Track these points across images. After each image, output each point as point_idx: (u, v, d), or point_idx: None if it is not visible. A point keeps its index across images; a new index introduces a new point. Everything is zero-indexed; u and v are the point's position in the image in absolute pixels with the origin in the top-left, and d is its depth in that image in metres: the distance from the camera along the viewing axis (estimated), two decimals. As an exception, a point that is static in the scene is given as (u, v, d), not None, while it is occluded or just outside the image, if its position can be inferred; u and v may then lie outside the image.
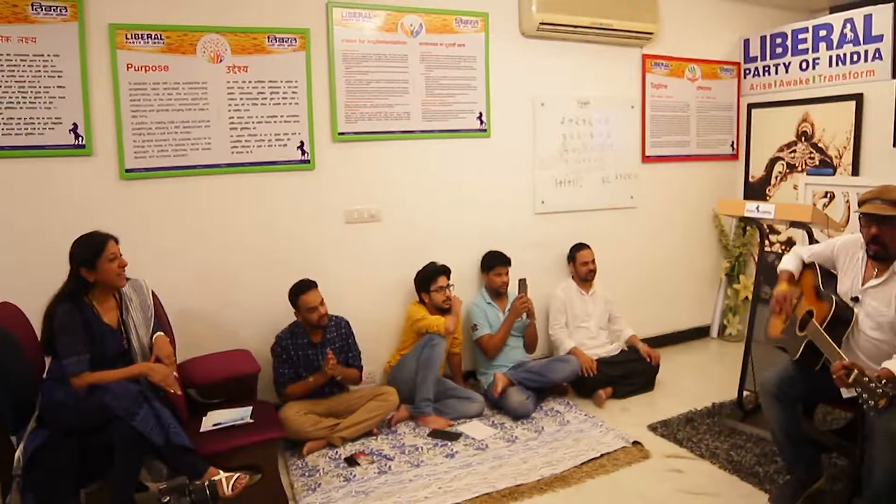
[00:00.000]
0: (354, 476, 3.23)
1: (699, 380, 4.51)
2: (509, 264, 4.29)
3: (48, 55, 3.38)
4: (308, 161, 3.90)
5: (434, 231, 4.28)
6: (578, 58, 4.68)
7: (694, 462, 3.36)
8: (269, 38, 3.78)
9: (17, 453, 2.55)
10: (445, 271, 4.03)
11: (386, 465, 3.34)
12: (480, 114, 4.36)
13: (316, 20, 3.89)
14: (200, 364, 3.32)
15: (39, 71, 3.37)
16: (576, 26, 4.49)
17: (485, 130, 4.39)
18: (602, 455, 3.41)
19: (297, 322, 3.63)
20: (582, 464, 3.32)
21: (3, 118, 3.30)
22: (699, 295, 5.47)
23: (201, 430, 2.94)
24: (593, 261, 4.52)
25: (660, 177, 5.11)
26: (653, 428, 3.74)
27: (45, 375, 2.77)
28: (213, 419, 3.01)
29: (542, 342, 4.55)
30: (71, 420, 2.60)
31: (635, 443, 3.52)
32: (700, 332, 5.53)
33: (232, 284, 3.76)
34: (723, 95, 5.36)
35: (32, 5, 3.35)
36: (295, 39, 3.84)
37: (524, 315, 4.17)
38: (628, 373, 4.25)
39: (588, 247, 4.56)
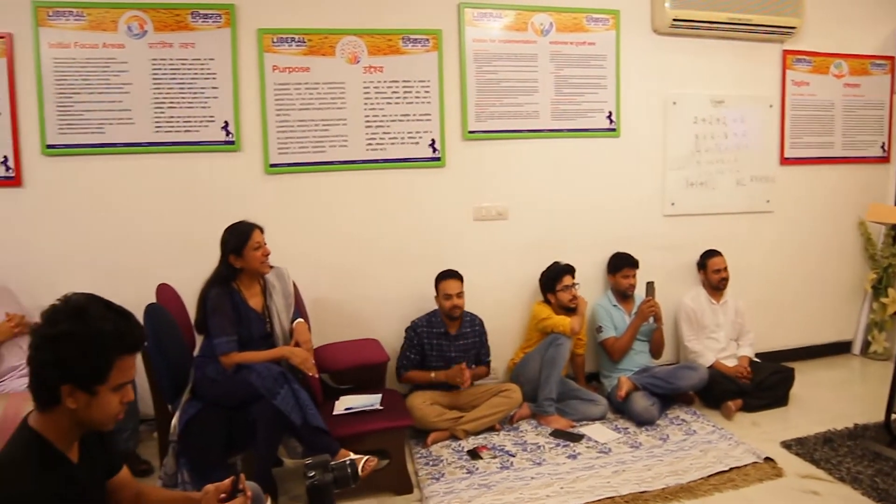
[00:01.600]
0: (477, 469, 3.26)
1: (839, 398, 4.20)
2: (637, 266, 4.18)
3: (204, 59, 3.66)
4: (439, 158, 3.98)
5: (560, 230, 4.25)
6: (713, 55, 4.50)
7: (833, 485, 3.12)
8: (403, 39, 3.90)
9: (174, 421, 2.77)
10: (570, 270, 3.99)
11: (508, 460, 3.34)
12: (610, 113, 4.29)
13: (448, 21, 3.97)
14: (333, 351, 3.47)
15: (197, 73, 3.65)
16: (711, 22, 4.32)
17: (614, 130, 4.31)
18: (731, 469, 3.24)
19: (436, 311, 3.72)
20: (709, 476, 3.18)
21: (165, 117, 3.62)
22: (840, 308, 5.10)
23: (334, 413, 3.07)
24: (726, 268, 4.32)
25: (800, 180, 4.81)
26: (786, 445, 3.52)
27: (197, 353, 2.99)
28: (345, 403, 3.14)
29: (669, 348, 4.40)
30: (220, 395, 2.80)
31: (767, 459, 3.32)
32: (840, 348, 5.14)
33: (364, 277, 3.92)
34: (873, 93, 4.97)
35: (192, 14, 3.64)
36: (428, 40, 3.93)
37: (651, 319, 4.05)
38: (761, 386, 4.02)
39: (720, 253, 4.36)
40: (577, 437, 3.57)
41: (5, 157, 3.51)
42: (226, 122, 3.68)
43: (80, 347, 1.49)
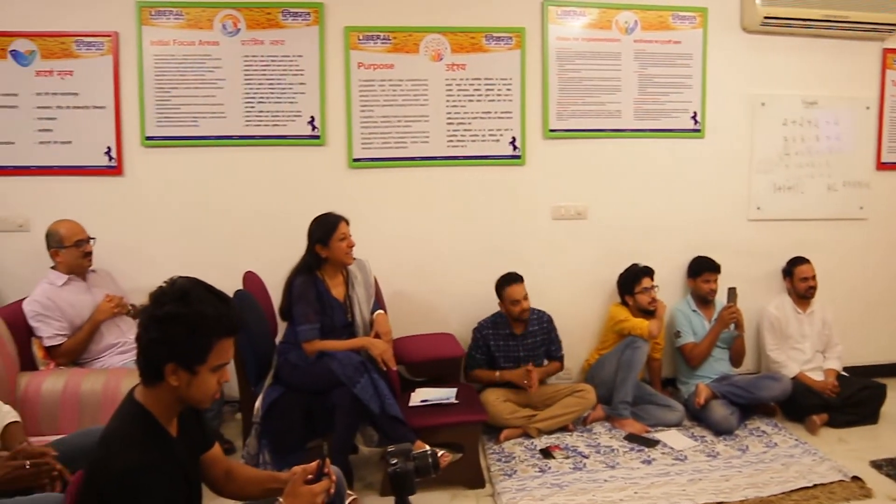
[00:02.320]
0: (549, 468, 3.24)
1: (935, 418, 3.97)
2: (719, 271, 4.07)
3: (293, 56, 3.78)
4: (519, 156, 3.98)
5: (640, 232, 4.17)
6: (805, 54, 4.32)
7: (927, 510, 2.96)
8: (486, 37, 3.92)
9: (257, 404, 2.88)
10: (650, 273, 3.91)
11: (581, 461, 3.31)
12: (695, 113, 4.18)
13: (531, 19, 3.96)
14: (410, 343, 3.53)
15: (286, 70, 3.78)
16: (805, 20, 4.14)
17: (699, 131, 4.20)
18: (815, 486, 3.10)
19: (500, 312, 3.72)
20: (791, 491, 3.05)
21: (255, 111, 3.77)
22: (938, 322, 4.81)
23: (410, 404, 3.12)
24: (814, 277, 4.14)
25: (898, 186, 4.57)
26: (877, 465, 3.34)
27: (281, 339, 3.10)
28: (421, 395, 3.18)
29: (750, 357, 4.26)
30: (301, 380, 2.89)
31: (855, 478, 3.17)
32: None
33: (442, 271, 3.97)
34: (982, 96, 4.67)
35: (283, 12, 3.77)
36: (511, 38, 3.94)
37: (732, 326, 3.93)
38: (848, 401, 3.84)
39: (808, 261, 4.18)
40: (652, 443, 3.51)
41: (109, 147, 3.73)
42: (312, 118, 3.79)
43: (183, 328, 1.56)
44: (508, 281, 3.65)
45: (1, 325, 2.81)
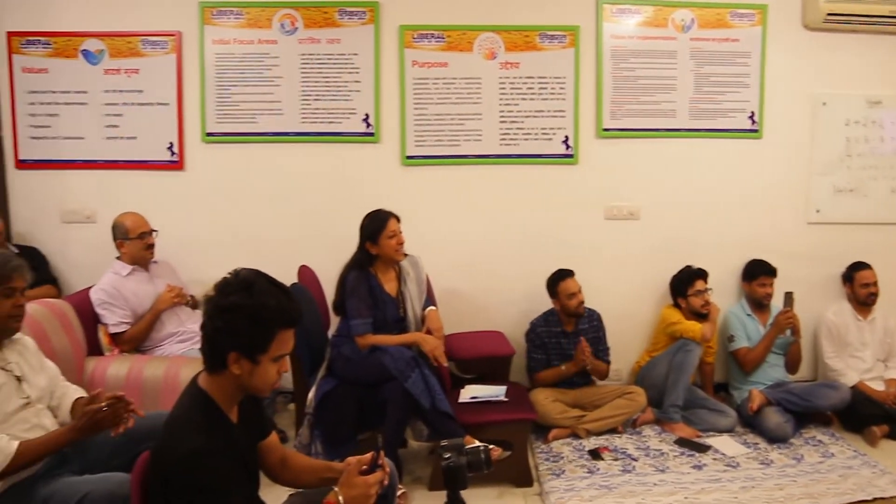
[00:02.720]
0: (598, 469, 3.22)
1: None
2: (775, 275, 3.97)
3: (349, 54, 3.85)
4: (572, 155, 3.97)
5: (694, 233, 4.10)
6: (869, 51, 4.16)
7: None
8: (540, 35, 3.91)
9: (310, 395, 2.94)
10: (703, 275, 3.85)
11: (630, 464, 3.28)
12: (752, 113, 4.09)
13: (586, 17, 3.94)
14: (460, 340, 3.55)
15: (341, 68, 3.85)
16: (869, 16, 4.00)
17: (756, 131, 4.11)
18: (874, 499, 3.01)
19: (552, 310, 3.72)
20: (849, 504, 2.98)
21: (311, 108, 3.85)
22: None
23: (459, 400, 3.14)
24: (875, 283, 4.00)
25: (967, 190, 4.38)
26: (941, 480, 3.23)
27: (334, 332, 3.16)
28: (471, 392, 3.20)
29: (806, 363, 4.14)
30: (354, 373, 2.95)
31: (917, 492, 3.07)
32: None
33: (492, 270, 3.98)
34: None
35: (339, 11, 3.84)
36: (565, 36, 3.92)
37: (788, 331, 3.84)
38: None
39: (870, 266, 4.05)
40: (703, 448, 3.45)
41: (171, 143, 3.86)
42: (366, 115, 3.85)
43: (246, 319, 1.60)
44: (562, 276, 3.65)
45: (70, 311, 2.93)
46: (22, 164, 3.91)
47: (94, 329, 3.16)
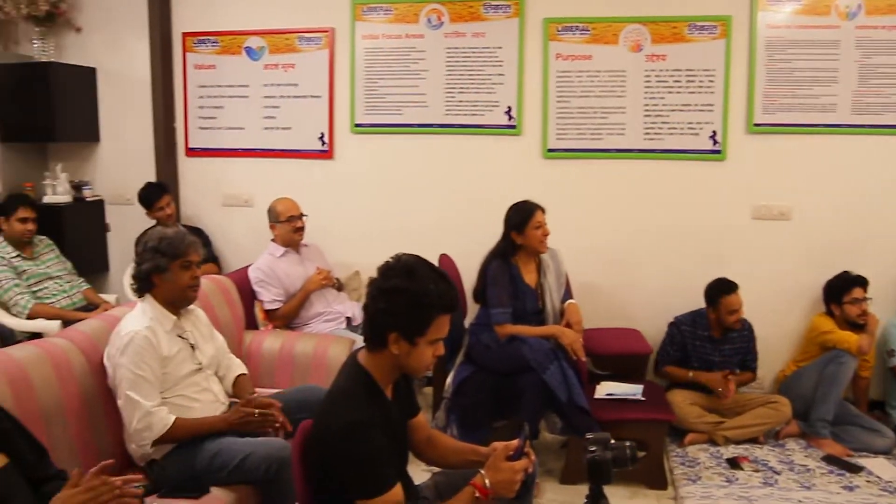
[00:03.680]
0: (736, 479, 3.09)
1: None
2: (946, 286, 3.63)
3: (493, 47, 3.90)
4: (719, 151, 3.80)
5: (853, 238, 3.79)
6: None
7: None
8: (689, 26, 3.77)
9: (448, 380, 3.03)
10: (862, 283, 3.57)
11: (772, 477, 3.12)
12: (926, 108, 3.74)
13: (739, 6, 3.75)
14: (596, 336, 3.51)
15: (485, 61, 3.91)
16: None
17: (930, 128, 3.75)
18: None
19: (701, 312, 3.55)
20: None
21: (455, 101, 3.94)
22: None
23: (595, 396, 3.12)
24: None
25: None
26: None
27: (473, 320, 3.22)
28: (607, 389, 3.17)
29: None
30: (492, 361, 3.00)
31: None
32: None
33: (631, 266, 3.90)
34: None
35: (485, 6, 3.89)
36: (716, 27, 3.76)
37: (960, 349, 3.49)
38: None
39: None
40: (856, 468, 3.21)
41: (322, 133, 4.09)
42: (509, 108, 3.89)
43: (407, 301, 1.67)
44: (726, 289, 3.44)
45: (232, 287, 3.18)
46: (191, 152, 4.30)
47: (251, 305, 3.42)
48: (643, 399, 3.11)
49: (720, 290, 3.46)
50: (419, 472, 2.08)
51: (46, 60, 4.18)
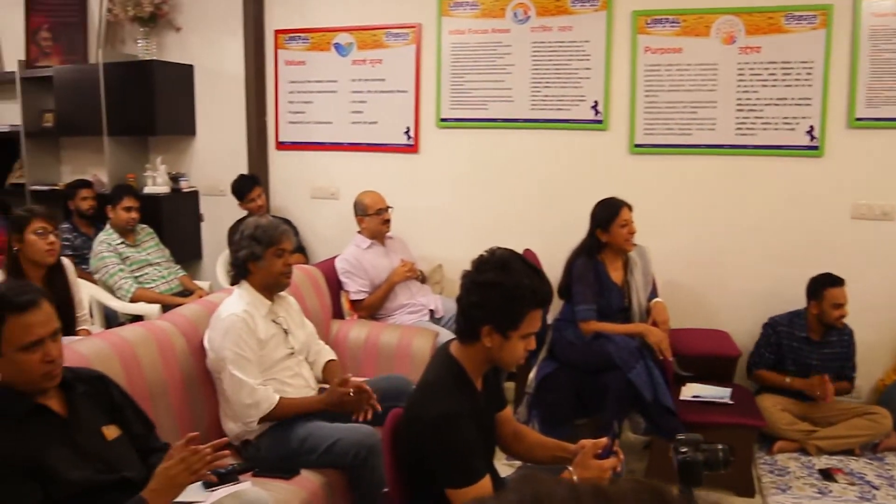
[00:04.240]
0: (830, 492, 2.96)
1: None
2: None
3: (580, 41, 3.85)
4: (817, 147, 3.62)
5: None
6: None
7: None
8: (786, 16, 3.61)
9: (531, 375, 3.02)
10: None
11: (869, 492, 2.97)
12: None
13: (843, -6, 3.57)
14: (682, 336, 3.42)
15: (572, 55, 3.86)
16: None
17: None
18: None
19: (799, 312, 3.40)
20: None
21: (541, 95, 3.92)
22: None
23: (680, 397, 3.05)
24: None
25: None
26: None
27: (557, 316, 3.21)
28: (693, 391, 3.09)
29: None
30: (576, 358, 2.98)
31: None
32: None
33: (720, 266, 3.77)
34: None
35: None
36: (815, 17, 3.59)
37: None
38: None
39: None
40: (963, 485, 3.03)
41: (408, 127, 4.15)
42: (595, 102, 3.83)
43: (501, 295, 1.68)
44: (832, 282, 3.28)
45: (320, 277, 3.28)
46: (281, 146, 4.45)
47: (337, 295, 3.51)
48: (731, 402, 3.01)
49: (825, 282, 3.29)
50: (500, 466, 2.09)
51: (149, 59, 4.42)
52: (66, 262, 3.04)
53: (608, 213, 3.06)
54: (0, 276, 2.82)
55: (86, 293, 3.31)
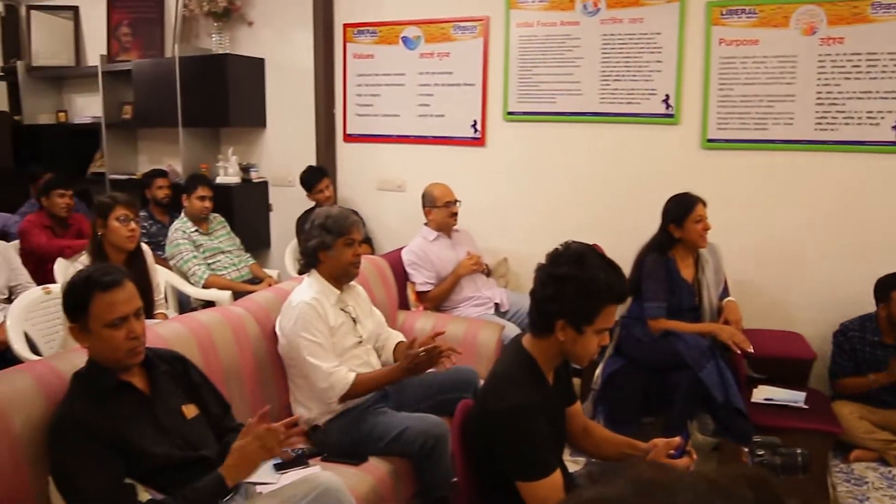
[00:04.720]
0: (912, 503, 2.84)
1: None
2: None
3: (651, 34, 3.76)
4: (902, 143, 3.46)
5: None
6: None
7: None
8: (872, 5, 3.44)
9: (597, 372, 2.99)
10: None
11: (956, 505, 2.84)
12: None
13: (938, -19, 3.38)
14: (754, 337, 3.27)
15: (643, 48, 3.78)
16: None
17: None
18: None
19: (870, 316, 3.26)
20: None
21: (610, 89, 3.85)
22: None
23: (752, 399, 2.96)
24: None
25: None
26: None
27: (625, 313, 3.16)
28: (765, 393, 3.01)
29: None
30: (643, 356, 2.93)
31: None
32: None
33: (795, 265, 3.63)
34: None
35: (642, -9, 3.75)
36: (906, 5, 3.42)
37: None
38: None
39: None
40: None
41: (475, 121, 4.15)
42: (667, 96, 3.74)
43: (576, 289, 1.66)
44: None
45: (387, 268, 3.31)
46: (348, 138, 4.52)
47: (404, 286, 3.54)
48: (805, 407, 2.91)
49: (892, 284, 3.15)
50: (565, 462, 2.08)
51: (222, 53, 4.55)
52: (145, 247, 3.17)
53: (683, 209, 2.99)
54: (85, 260, 2.96)
55: (162, 278, 3.43)
